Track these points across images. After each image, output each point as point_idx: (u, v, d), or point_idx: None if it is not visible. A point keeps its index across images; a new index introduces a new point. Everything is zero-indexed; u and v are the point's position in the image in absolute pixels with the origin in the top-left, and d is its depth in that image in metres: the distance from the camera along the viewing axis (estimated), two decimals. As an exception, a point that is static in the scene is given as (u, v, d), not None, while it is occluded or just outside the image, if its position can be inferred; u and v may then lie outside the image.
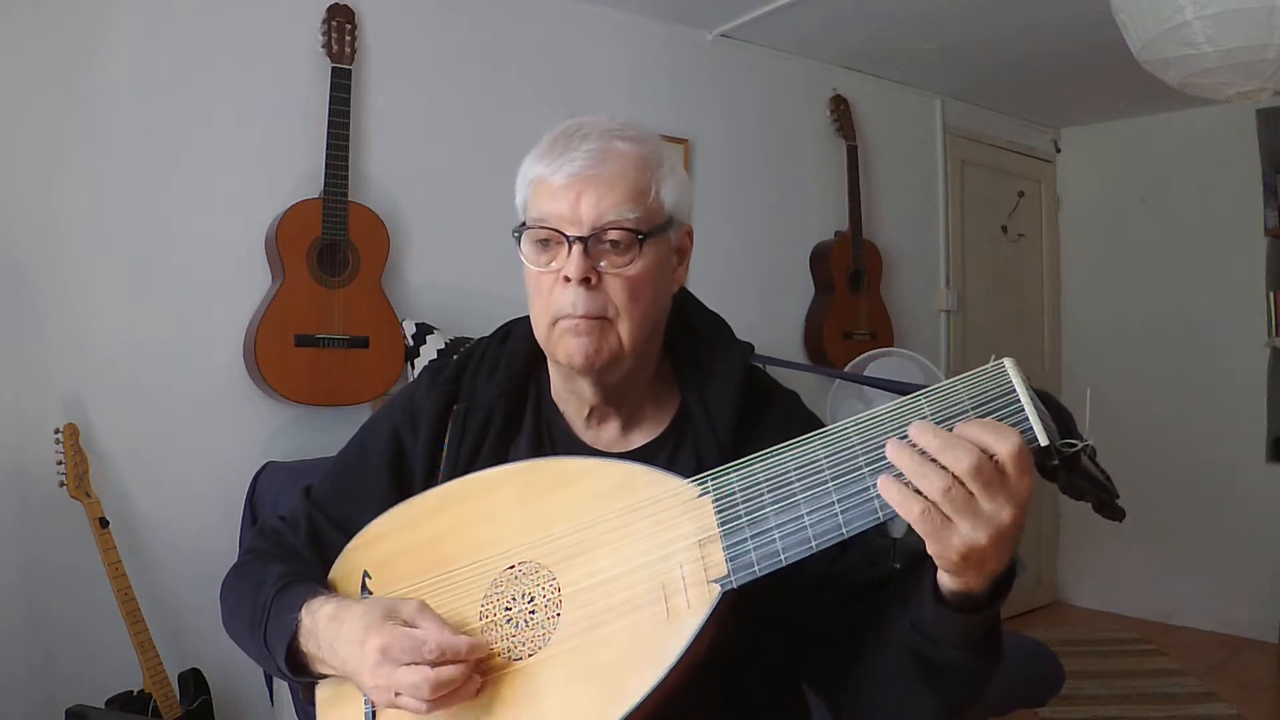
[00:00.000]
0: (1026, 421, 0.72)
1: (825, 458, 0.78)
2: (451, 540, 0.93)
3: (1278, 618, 3.85)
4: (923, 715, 0.85)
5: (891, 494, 0.72)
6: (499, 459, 1.01)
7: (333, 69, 2.36)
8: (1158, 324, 4.28)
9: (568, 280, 0.92)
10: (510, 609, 0.87)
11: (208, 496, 2.24)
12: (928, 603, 0.79)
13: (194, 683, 2.08)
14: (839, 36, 3.34)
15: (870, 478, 0.75)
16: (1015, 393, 0.74)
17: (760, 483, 0.80)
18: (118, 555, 1.98)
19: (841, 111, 3.56)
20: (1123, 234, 4.42)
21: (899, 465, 0.72)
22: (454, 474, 1.01)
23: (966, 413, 0.74)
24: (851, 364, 3.24)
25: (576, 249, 0.92)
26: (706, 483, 0.83)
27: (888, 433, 0.76)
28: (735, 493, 0.81)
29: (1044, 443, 0.72)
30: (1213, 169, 4.10)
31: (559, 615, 0.85)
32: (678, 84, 3.18)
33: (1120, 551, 4.28)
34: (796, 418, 1.04)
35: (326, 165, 2.32)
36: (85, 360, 2.13)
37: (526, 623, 0.86)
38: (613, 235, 0.93)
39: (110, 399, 2.15)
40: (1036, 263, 4.59)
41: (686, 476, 0.85)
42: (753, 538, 0.79)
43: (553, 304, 0.94)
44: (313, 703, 1.00)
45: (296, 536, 1.08)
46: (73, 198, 2.12)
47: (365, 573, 0.98)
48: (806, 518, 0.77)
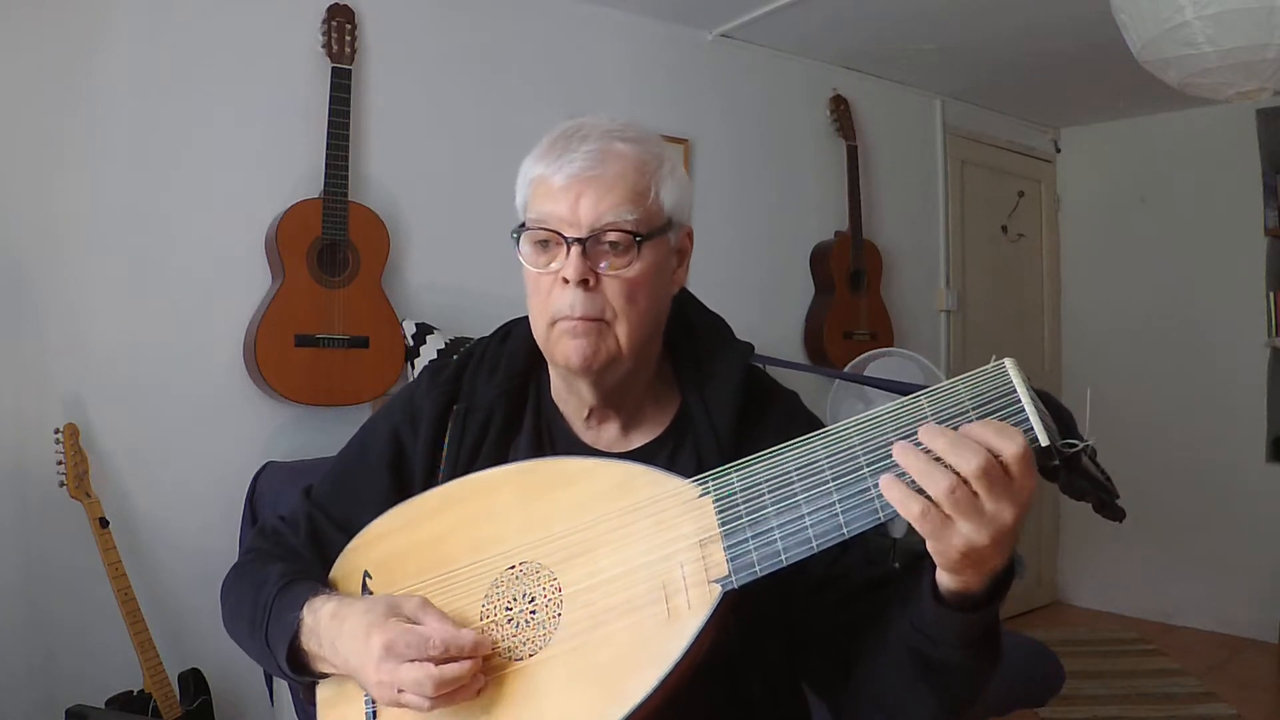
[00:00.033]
0: (1027, 422, 0.72)
1: (826, 458, 0.78)
2: (452, 540, 0.93)
3: (1278, 618, 3.85)
4: (922, 715, 0.85)
5: (894, 493, 0.72)
6: (499, 459, 1.01)
7: (333, 69, 2.36)
8: (1158, 324, 4.28)
9: (566, 281, 0.92)
10: (511, 609, 0.87)
11: (208, 496, 2.24)
12: (926, 601, 0.79)
13: (194, 683, 2.08)
14: (839, 36, 3.34)
15: (871, 478, 0.75)
16: (1016, 393, 0.74)
17: (761, 483, 0.80)
18: (118, 555, 1.99)
19: (841, 111, 3.56)
20: (1123, 234, 4.42)
21: (905, 466, 0.72)
22: (454, 474, 1.01)
23: (967, 413, 0.74)
24: (851, 364, 3.24)
25: (575, 250, 0.92)
26: (707, 483, 0.83)
27: (888, 433, 0.76)
28: (736, 493, 0.81)
29: (1045, 443, 0.72)
30: (1213, 169, 4.10)
31: (560, 615, 0.85)
32: (678, 84, 3.18)
33: (1120, 551, 4.27)
34: (796, 418, 1.04)
35: (326, 165, 2.32)
36: (85, 360, 2.13)
37: (527, 623, 0.86)
38: (611, 237, 0.93)
39: (110, 399, 2.15)
40: (1036, 263, 4.59)
41: (687, 476, 0.85)
42: (753, 538, 0.79)
43: (551, 305, 0.94)
44: (313, 703, 1.00)
45: (297, 536, 1.08)
46: (73, 198, 2.12)
47: (366, 573, 0.98)
48: (807, 518, 0.77)
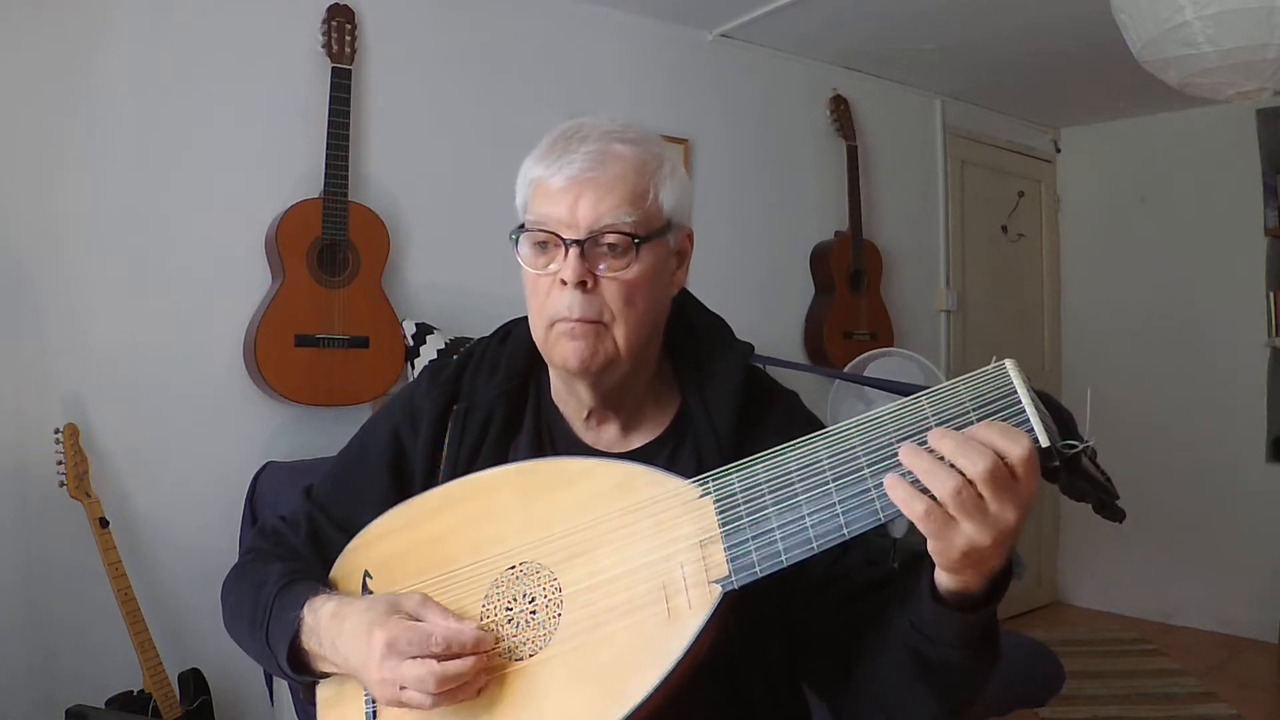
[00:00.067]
0: (1028, 423, 0.72)
1: (827, 458, 0.78)
2: (452, 540, 0.93)
3: (1278, 618, 3.85)
4: (922, 715, 0.85)
5: (898, 492, 0.72)
6: (499, 459, 1.01)
7: (333, 69, 2.36)
8: (1158, 324, 4.28)
9: (564, 283, 0.92)
10: (511, 609, 0.87)
11: (208, 496, 2.24)
12: (925, 601, 0.79)
13: (194, 683, 2.08)
14: (839, 36, 3.34)
15: (872, 478, 0.75)
16: (1016, 394, 0.74)
17: (761, 483, 0.80)
18: (118, 555, 1.99)
19: (841, 111, 3.56)
20: (1123, 234, 4.42)
21: (910, 466, 0.72)
22: (454, 474, 1.01)
23: (968, 414, 0.74)
24: (851, 364, 3.24)
25: (573, 252, 0.92)
26: (708, 483, 0.83)
27: (889, 433, 0.76)
28: (736, 493, 0.81)
29: (1045, 444, 0.72)
30: (1213, 169, 4.10)
31: (560, 615, 0.85)
32: (678, 84, 3.18)
33: (1120, 551, 4.27)
34: (797, 418, 1.04)
35: (326, 165, 2.32)
36: (85, 360, 2.13)
37: (527, 623, 0.86)
38: (610, 239, 0.92)
39: (110, 399, 2.15)
40: (1036, 263, 4.59)
41: (687, 477, 0.85)
42: (754, 538, 0.79)
43: (549, 307, 0.94)
44: (313, 702, 1.00)
45: (297, 536, 1.08)
46: (73, 198, 2.12)
47: (366, 572, 0.98)
48: (808, 518, 0.77)
